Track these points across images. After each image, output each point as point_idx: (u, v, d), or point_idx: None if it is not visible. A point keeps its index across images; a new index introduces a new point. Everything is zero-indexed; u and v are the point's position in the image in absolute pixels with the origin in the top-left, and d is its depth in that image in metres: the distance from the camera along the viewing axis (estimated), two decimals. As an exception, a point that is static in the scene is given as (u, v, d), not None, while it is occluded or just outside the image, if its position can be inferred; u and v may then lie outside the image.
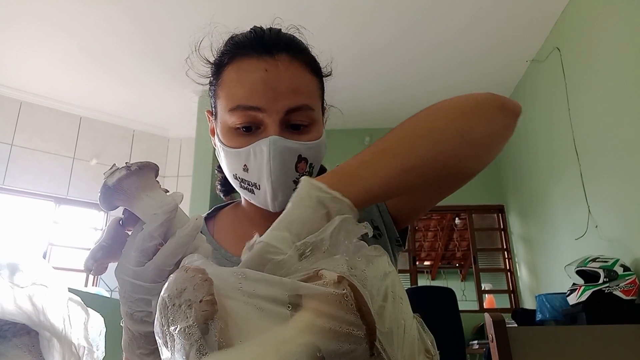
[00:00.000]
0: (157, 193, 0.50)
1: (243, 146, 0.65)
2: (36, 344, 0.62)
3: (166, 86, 4.15)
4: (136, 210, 0.50)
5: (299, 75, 0.67)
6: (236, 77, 0.67)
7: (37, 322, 0.61)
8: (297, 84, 0.66)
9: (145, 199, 0.49)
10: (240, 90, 0.66)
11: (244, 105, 0.65)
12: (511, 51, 3.68)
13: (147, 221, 0.49)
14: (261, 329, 0.32)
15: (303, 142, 0.66)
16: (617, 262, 2.36)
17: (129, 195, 0.49)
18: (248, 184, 0.67)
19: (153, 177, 0.52)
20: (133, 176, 0.49)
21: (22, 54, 3.84)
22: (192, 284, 0.35)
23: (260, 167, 0.65)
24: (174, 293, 0.35)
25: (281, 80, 0.65)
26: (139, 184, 0.49)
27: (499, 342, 1.19)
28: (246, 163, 0.66)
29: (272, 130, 0.64)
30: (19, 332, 0.62)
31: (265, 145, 0.63)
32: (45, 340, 0.62)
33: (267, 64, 0.65)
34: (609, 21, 2.67)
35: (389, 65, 3.89)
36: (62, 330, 0.63)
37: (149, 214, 0.48)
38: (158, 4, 3.21)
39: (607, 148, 2.69)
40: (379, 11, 3.27)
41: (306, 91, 0.67)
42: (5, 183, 4.30)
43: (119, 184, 0.49)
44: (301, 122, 0.66)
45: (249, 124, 0.65)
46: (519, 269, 4.40)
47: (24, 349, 0.61)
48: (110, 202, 0.50)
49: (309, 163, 0.67)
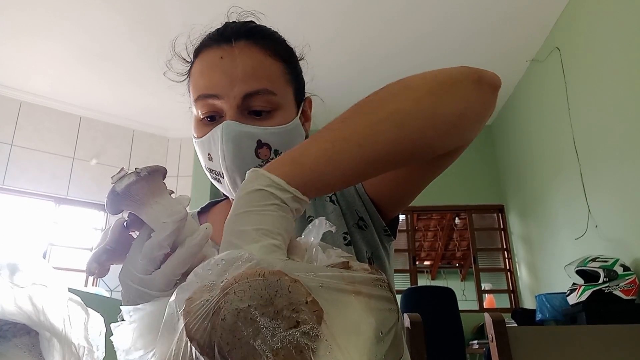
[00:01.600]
0: (166, 199, 0.49)
1: (206, 134, 0.66)
2: (36, 344, 0.62)
3: (166, 86, 4.14)
4: (144, 216, 0.49)
5: (256, 60, 0.66)
6: (199, 68, 0.68)
7: (37, 322, 0.61)
8: (254, 68, 0.65)
9: (155, 206, 0.48)
10: (201, 80, 0.67)
11: (204, 94, 0.65)
12: (511, 51, 3.68)
13: (155, 228, 0.48)
14: (340, 317, 0.34)
15: (263, 127, 0.65)
16: (617, 262, 2.36)
17: (138, 202, 0.48)
18: (215, 174, 0.68)
19: (161, 182, 0.51)
20: (142, 182, 0.48)
21: (23, 54, 3.84)
22: (282, 287, 0.32)
23: (217, 153, 0.65)
24: (261, 302, 0.32)
25: (236, 66, 0.65)
26: (147, 190, 0.48)
27: (499, 342, 1.19)
28: (209, 152, 0.66)
29: (229, 115, 0.64)
30: (19, 332, 0.62)
31: (219, 129, 0.63)
32: (45, 340, 0.62)
33: (223, 52, 0.66)
34: (609, 21, 2.67)
35: (395, 68, 3.89)
36: (62, 330, 0.63)
37: (158, 221, 0.47)
38: (158, 3, 3.21)
39: (607, 148, 2.69)
40: (378, 9, 3.27)
41: (265, 75, 0.66)
42: (5, 183, 4.30)
43: (128, 190, 0.47)
44: (262, 108, 0.65)
45: (211, 113, 0.66)
46: (519, 269, 4.40)
47: (24, 349, 0.61)
48: (118, 207, 0.49)
49: (274, 149, 0.66)
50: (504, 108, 4.39)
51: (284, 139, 0.66)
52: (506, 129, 4.44)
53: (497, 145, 4.75)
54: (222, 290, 0.32)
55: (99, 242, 0.54)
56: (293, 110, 0.70)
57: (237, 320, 0.32)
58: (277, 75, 0.68)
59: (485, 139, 4.80)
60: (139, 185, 0.48)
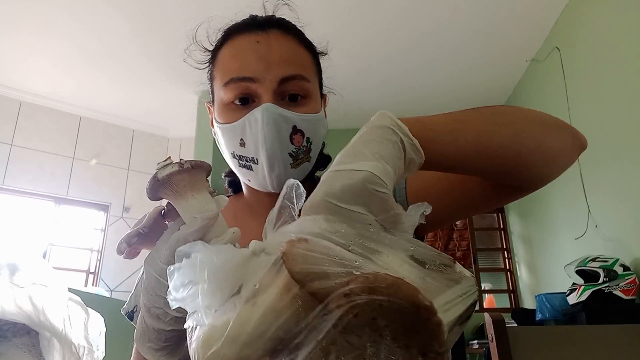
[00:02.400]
0: (203, 195, 0.50)
1: (238, 119, 0.65)
2: (36, 344, 0.62)
3: (166, 86, 4.15)
4: (178, 207, 0.50)
5: (291, 47, 0.67)
6: (229, 53, 0.68)
7: (37, 322, 0.61)
8: (289, 54, 0.66)
9: (190, 199, 0.49)
10: (234, 63, 0.66)
11: (238, 77, 0.64)
12: (511, 51, 3.67)
13: (185, 222, 0.49)
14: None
15: (298, 113, 0.65)
16: (616, 261, 2.36)
17: (175, 192, 0.49)
18: (246, 160, 0.66)
19: (204, 178, 0.52)
20: (184, 173, 0.49)
21: (22, 54, 3.84)
22: (427, 328, 0.32)
23: (256, 137, 0.63)
24: (400, 330, 0.31)
25: (273, 50, 0.65)
26: (187, 183, 0.49)
27: (499, 342, 1.19)
28: (242, 137, 0.65)
29: (266, 99, 0.63)
30: (19, 332, 0.62)
31: (259, 112, 0.62)
32: (45, 340, 0.62)
33: (258, 37, 0.66)
34: (609, 21, 2.67)
35: (398, 69, 3.89)
36: (62, 330, 0.63)
37: (189, 215, 0.48)
38: (158, 3, 3.21)
39: (607, 148, 2.69)
40: (378, 9, 3.27)
41: (299, 61, 0.67)
42: (5, 183, 4.29)
43: (169, 178, 0.49)
44: (296, 92, 0.65)
45: (244, 95, 0.65)
46: (519, 269, 4.40)
47: (24, 349, 0.61)
48: (156, 193, 0.50)
49: (306, 137, 0.66)
50: (504, 108, 4.39)
51: (314, 127, 0.67)
52: (506, 129, 4.44)
53: (497, 145, 4.75)
54: (369, 288, 0.30)
55: (135, 224, 0.55)
56: (319, 101, 0.70)
57: (366, 326, 0.31)
58: (309, 64, 0.69)
59: (485, 139, 4.80)
60: (180, 176, 0.49)
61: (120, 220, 4.73)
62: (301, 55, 0.68)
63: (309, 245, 0.33)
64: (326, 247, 0.33)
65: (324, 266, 0.32)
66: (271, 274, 0.34)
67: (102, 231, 4.70)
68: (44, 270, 0.68)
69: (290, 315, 0.33)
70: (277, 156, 0.63)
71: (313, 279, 0.32)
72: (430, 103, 4.38)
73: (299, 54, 0.68)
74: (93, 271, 4.57)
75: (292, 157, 0.65)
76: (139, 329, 0.51)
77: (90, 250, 4.64)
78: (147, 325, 0.49)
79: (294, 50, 0.67)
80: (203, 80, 0.76)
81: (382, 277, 0.31)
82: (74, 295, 0.69)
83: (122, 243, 0.53)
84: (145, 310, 0.49)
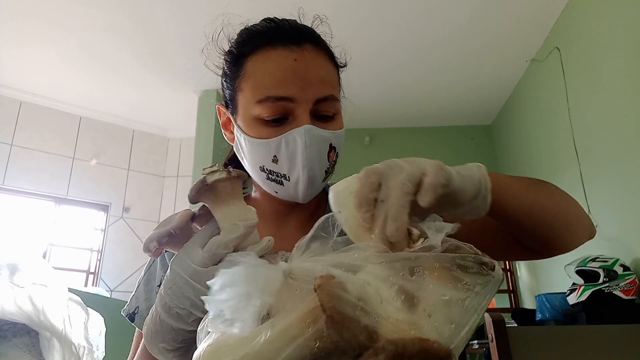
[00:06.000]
0: (242, 204, 0.52)
1: (272, 136, 0.64)
2: (36, 344, 0.62)
3: (166, 86, 4.15)
4: (218, 213, 0.51)
5: (324, 66, 0.68)
6: (263, 67, 0.66)
7: (37, 322, 0.61)
8: (323, 74, 0.67)
9: (231, 207, 0.51)
10: (271, 81, 0.65)
11: (274, 96, 0.64)
12: (511, 51, 3.67)
13: (224, 228, 0.50)
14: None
15: (332, 131, 0.67)
16: (617, 261, 2.36)
17: (219, 198, 0.51)
18: (277, 175, 0.66)
19: (241, 188, 0.54)
20: (230, 181, 0.51)
21: (22, 54, 3.84)
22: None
23: (293, 157, 0.64)
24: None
25: (310, 70, 0.65)
26: (231, 190, 0.51)
27: (499, 342, 1.19)
28: (276, 154, 0.65)
29: (304, 120, 0.64)
30: (19, 332, 0.62)
31: (300, 134, 0.63)
32: (45, 340, 0.62)
33: (295, 54, 0.65)
34: (609, 21, 2.67)
35: (388, 64, 3.89)
36: (62, 330, 0.63)
37: (229, 221, 0.50)
38: (159, 3, 3.21)
39: (607, 148, 2.69)
40: (377, 10, 3.27)
41: (331, 81, 0.68)
42: (5, 183, 4.29)
43: (216, 184, 0.50)
44: (328, 113, 0.67)
45: (279, 115, 0.64)
46: (519, 269, 4.40)
47: (24, 349, 0.61)
48: (199, 197, 0.52)
49: (337, 152, 0.68)
50: (504, 108, 4.39)
51: (342, 141, 0.70)
52: (506, 128, 4.44)
53: (497, 145, 4.75)
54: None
55: (161, 224, 0.56)
56: (342, 115, 0.73)
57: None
58: (337, 82, 0.71)
59: (485, 139, 4.80)
60: (226, 183, 0.51)
61: (120, 220, 4.73)
62: (331, 72, 0.69)
63: (342, 283, 0.33)
64: (360, 288, 0.34)
65: (355, 310, 0.32)
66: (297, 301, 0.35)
67: (102, 231, 4.70)
68: (44, 270, 0.68)
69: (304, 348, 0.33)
70: (317, 176, 0.66)
71: (342, 321, 0.32)
72: (431, 106, 4.40)
73: (329, 71, 0.69)
74: (93, 271, 4.58)
75: (326, 173, 0.68)
76: (151, 329, 0.51)
77: (90, 250, 4.64)
78: (163, 325, 0.49)
79: (326, 69, 0.68)
80: (203, 80, 0.76)
81: (411, 344, 0.31)
82: (74, 295, 0.69)
83: (153, 241, 0.53)
84: (164, 310, 0.49)
